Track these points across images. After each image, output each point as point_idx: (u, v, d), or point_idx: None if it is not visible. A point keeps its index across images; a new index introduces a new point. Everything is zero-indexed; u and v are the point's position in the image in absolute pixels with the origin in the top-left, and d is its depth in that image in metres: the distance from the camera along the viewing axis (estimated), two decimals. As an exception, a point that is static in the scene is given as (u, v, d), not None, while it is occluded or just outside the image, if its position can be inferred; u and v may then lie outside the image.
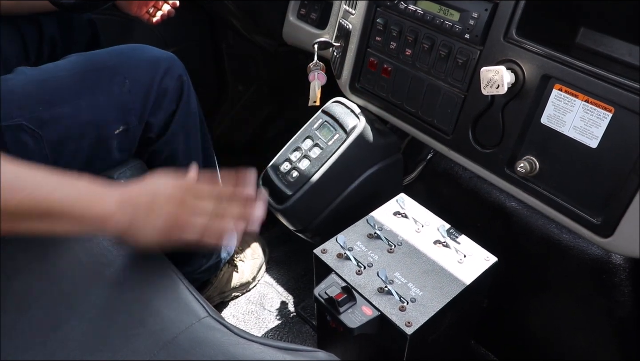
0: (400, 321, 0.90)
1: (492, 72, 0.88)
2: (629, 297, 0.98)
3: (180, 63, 1.22)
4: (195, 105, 1.27)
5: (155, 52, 1.19)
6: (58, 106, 1.03)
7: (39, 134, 1.00)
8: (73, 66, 1.10)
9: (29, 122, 0.99)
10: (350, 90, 1.21)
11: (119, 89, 1.10)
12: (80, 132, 1.06)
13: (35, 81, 1.05)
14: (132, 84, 1.12)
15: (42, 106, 1.02)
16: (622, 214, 0.82)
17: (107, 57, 1.14)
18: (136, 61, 1.15)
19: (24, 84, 1.04)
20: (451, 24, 0.97)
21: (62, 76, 1.07)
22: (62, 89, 1.05)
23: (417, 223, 1.08)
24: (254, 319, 1.47)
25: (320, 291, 0.94)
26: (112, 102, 1.10)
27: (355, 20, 1.15)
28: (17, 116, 0.99)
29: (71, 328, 0.83)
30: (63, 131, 1.04)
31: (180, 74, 1.20)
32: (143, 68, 1.15)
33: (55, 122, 1.03)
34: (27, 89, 1.03)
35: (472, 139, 0.99)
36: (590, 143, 0.84)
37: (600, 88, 0.81)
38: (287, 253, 1.67)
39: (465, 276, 0.98)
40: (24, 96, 1.02)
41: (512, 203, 1.09)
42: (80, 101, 1.06)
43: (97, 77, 1.10)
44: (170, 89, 1.17)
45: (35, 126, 1.00)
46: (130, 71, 1.13)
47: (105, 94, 1.09)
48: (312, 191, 1.16)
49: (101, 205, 0.82)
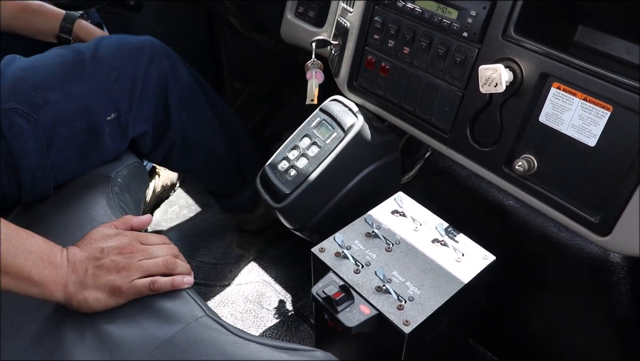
0: (398, 320, 0.90)
1: (490, 71, 0.88)
2: (627, 295, 0.98)
3: (162, 45, 1.24)
4: (188, 79, 1.30)
5: (136, 40, 1.20)
6: (49, 90, 1.05)
7: (33, 117, 1.02)
8: (60, 56, 1.13)
9: (23, 106, 1.00)
10: (348, 88, 1.20)
11: (106, 77, 1.12)
12: (72, 116, 1.08)
13: (25, 68, 1.07)
14: (119, 73, 1.13)
15: (33, 90, 1.03)
16: (620, 213, 0.82)
17: (93, 47, 1.15)
18: (120, 51, 1.17)
19: (15, 70, 1.06)
20: (449, 22, 0.97)
21: (51, 64, 1.09)
22: (52, 76, 1.07)
23: (415, 221, 1.08)
24: (252, 318, 1.47)
25: (318, 290, 0.94)
26: (101, 89, 1.12)
27: (353, 19, 1.15)
28: (11, 100, 1.00)
29: (68, 328, 0.83)
30: (56, 115, 1.05)
31: (163, 58, 1.21)
32: (127, 57, 1.17)
33: (47, 105, 1.04)
34: (19, 75, 1.05)
35: (470, 138, 0.99)
36: (589, 142, 0.83)
37: (598, 86, 0.81)
38: (285, 251, 1.67)
39: (463, 274, 0.98)
40: (15, 81, 1.03)
41: (510, 201, 1.09)
42: (70, 87, 1.09)
43: (84, 67, 1.12)
44: (156, 74, 1.20)
45: (29, 110, 1.01)
46: (115, 61, 1.15)
47: (94, 81, 1.11)
48: (310, 190, 1.15)
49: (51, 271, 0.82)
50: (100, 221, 1.01)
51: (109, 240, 0.89)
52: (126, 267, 0.86)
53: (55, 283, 0.82)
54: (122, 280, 0.85)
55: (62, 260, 0.84)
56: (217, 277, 1.59)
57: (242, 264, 1.63)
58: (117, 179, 1.13)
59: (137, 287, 0.86)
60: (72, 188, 1.11)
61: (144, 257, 0.89)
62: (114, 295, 0.85)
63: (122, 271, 0.85)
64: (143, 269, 0.87)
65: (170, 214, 1.82)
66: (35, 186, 1.05)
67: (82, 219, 1.03)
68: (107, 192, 1.09)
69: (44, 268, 0.81)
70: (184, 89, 1.28)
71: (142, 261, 0.88)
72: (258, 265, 1.63)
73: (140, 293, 0.86)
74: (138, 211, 1.17)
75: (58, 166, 1.07)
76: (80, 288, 0.83)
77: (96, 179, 1.12)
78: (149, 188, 1.71)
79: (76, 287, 0.83)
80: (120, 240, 0.90)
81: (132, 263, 0.87)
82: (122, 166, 1.17)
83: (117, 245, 0.88)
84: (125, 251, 0.88)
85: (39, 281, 0.80)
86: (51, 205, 1.08)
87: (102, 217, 1.02)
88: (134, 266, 0.87)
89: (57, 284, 0.82)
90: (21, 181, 1.03)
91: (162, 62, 1.22)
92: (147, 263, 0.88)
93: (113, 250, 0.87)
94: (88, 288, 0.84)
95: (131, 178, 1.18)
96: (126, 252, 0.88)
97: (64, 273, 0.83)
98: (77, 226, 1.01)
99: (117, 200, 1.07)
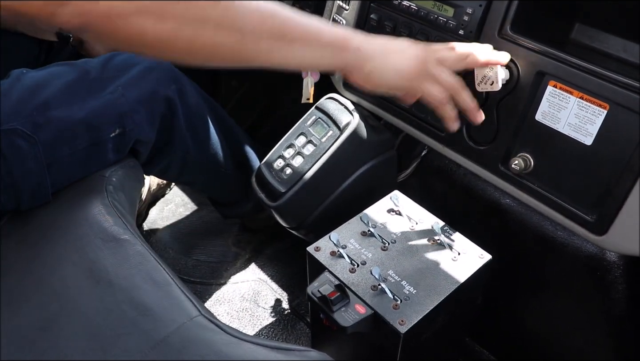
0: (394, 320, 0.89)
1: (487, 69, 0.88)
2: (623, 294, 0.98)
3: (171, 68, 1.23)
4: (196, 102, 1.29)
5: (145, 61, 1.19)
6: (52, 109, 1.03)
7: (33, 138, 1.00)
8: (66, 75, 1.11)
9: (23, 126, 0.99)
10: (343, 86, 1.20)
11: (112, 94, 1.11)
12: (74, 135, 1.06)
13: (29, 87, 1.06)
14: (126, 90, 1.12)
15: (36, 110, 1.02)
16: (616, 212, 0.81)
17: (100, 68, 1.14)
18: (128, 72, 1.15)
19: (19, 89, 1.04)
20: (445, 20, 0.96)
21: (56, 84, 1.07)
22: (56, 96, 1.05)
23: (411, 220, 1.08)
24: (248, 316, 1.47)
25: (313, 290, 0.93)
26: (107, 106, 1.10)
27: (349, 16, 1.14)
28: (12, 120, 0.99)
29: (61, 327, 0.83)
30: (57, 134, 1.04)
31: (171, 82, 1.21)
32: (136, 79, 1.15)
33: (49, 125, 1.03)
34: (22, 95, 1.04)
35: (467, 136, 0.99)
36: (585, 140, 0.83)
37: (595, 85, 0.80)
38: (282, 250, 1.66)
39: (459, 274, 0.97)
40: (18, 101, 1.02)
41: (507, 200, 1.09)
42: (74, 105, 1.07)
43: (91, 86, 1.11)
44: (163, 97, 1.19)
45: (30, 130, 1.00)
46: (123, 81, 1.13)
47: (98, 99, 1.09)
48: (305, 188, 1.15)
49: (345, 30, 0.84)
50: (94, 221, 1.01)
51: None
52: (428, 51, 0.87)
53: (350, 39, 0.82)
54: (425, 58, 0.86)
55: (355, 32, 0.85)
56: (213, 275, 1.59)
57: (238, 262, 1.63)
58: (111, 178, 1.12)
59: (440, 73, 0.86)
60: (66, 187, 1.10)
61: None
62: (411, 65, 0.86)
63: (423, 54, 0.86)
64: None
65: (167, 212, 1.81)
66: (33, 200, 1.04)
67: (76, 218, 1.02)
68: (102, 191, 1.08)
69: (337, 29, 0.83)
70: (192, 113, 1.27)
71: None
72: (254, 264, 1.62)
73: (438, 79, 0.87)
74: (133, 211, 1.16)
75: (58, 182, 1.06)
76: (375, 53, 0.84)
77: (90, 178, 1.11)
78: (144, 186, 1.71)
79: (371, 51, 0.84)
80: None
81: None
82: (117, 165, 1.17)
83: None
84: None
85: (329, 39, 0.81)
86: (44, 204, 1.07)
87: (95, 216, 1.02)
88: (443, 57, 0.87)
89: (352, 40, 0.83)
90: (20, 198, 1.02)
91: (170, 85, 1.21)
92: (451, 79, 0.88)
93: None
94: (385, 56, 0.85)
95: (126, 177, 1.17)
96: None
97: (359, 36, 0.84)
98: (71, 225, 1.00)
99: (111, 199, 1.06)
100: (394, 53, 0.86)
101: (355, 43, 0.83)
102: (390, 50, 0.86)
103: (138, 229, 1.07)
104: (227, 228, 1.74)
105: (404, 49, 0.87)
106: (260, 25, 0.75)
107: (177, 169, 1.33)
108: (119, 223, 1.02)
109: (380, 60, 0.85)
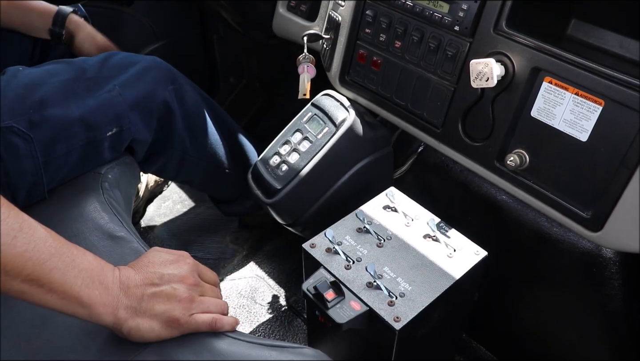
0: (389, 316, 0.89)
1: (482, 65, 0.87)
2: (619, 290, 0.98)
3: (168, 68, 1.23)
4: (194, 102, 1.28)
5: (143, 60, 1.18)
6: (49, 107, 1.03)
7: (29, 136, 1.00)
8: (63, 73, 1.10)
9: (19, 125, 0.99)
10: (340, 83, 1.19)
11: (109, 95, 1.10)
12: (71, 133, 1.06)
13: (25, 84, 1.05)
14: (123, 90, 1.11)
15: (32, 108, 1.01)
16: (611, 208, 0.81)
17: (98, 67, 1.14)
18: (127, 71, 1.15)
19: (15, 87, 1.04)
20: (441, 16, 0.96)
21: (52, 82, 1.07)
22: (53, 94, 1.05)
23: (407, 216, 1.07)
24: (245, 313, 1.47)
25: (308, 286, 0.93)
26: (104, 105, 1.10)
27: (344, 12, 1.14)
28: (8, 119, 0.98)
29: (56, 326, 0.83)
30: (54, 133, 1.03)
31: (169, 82, 1.20)
32: (134, 78, 1.15)
33: (45, 123, 1.02)
34: (18, 93, 1.03)
35: (462, 132, 0.98)
36: (580, 136, 0.83)
37: (590, 81, 0.80)
38: (279, 246, 1.66)
39: (454, 270, 0.97)
40: (14, 99, 1.01)
41: (503, 196, 1.08)
42: (71, 104, 1.06)
43: (88, 85, 1.11)
44: (161, 97, 1.18)
45: (26, 128, 1.00)
46: (120, 80, 1.13)
47: (95, 98, 1.09)
48: (301, 185, 1.15)
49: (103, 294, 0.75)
50: (89, 218, 1.00)
51: (169, 266, 0.82)
52: (188, 299, 0.79)
53: (104, 305, 0.74)
54: (182, 312, 0.78)
55: (114, 281, 0.76)
56: (211, 272, 1.59)
57: (235, 259, 1.63)
58: (107, 175, 1.12)
59: (197, 322, 0.79)
60: (62, 185, 1.10)
61: (203, 293, 0.83)
62: (169, 326, 0.77)
63: (183, 302, 0.79)
64: (203, 306, 0.81)
65: (164, 209, 1.81)
66: (29, 198, 1.04)
67: (71, 215, 1.02)
68: (97, 188, 1.08)
69: (94, 289, 0.73)
70: (189, 113, 1.26)
71: (203, 297, 0.82)
72: (252, 260, 1.63)
73: (198, 328, 0.79)
74: (128, 208, 1.16)
75: (54, 180, 1.06)
76: (132, 314, 0.76)
77: (86, 176, 1.11)
78: (141, 182, 1.70)
79: (128, 312, 0.76)
80: (182, 269, 0.82)
81: (194, 295, 0.80)
82: (112, 162, 1.16)
83: (179, 274, 0.81)
84: (187, 281, 0.81)
85: (87, 302, 0.72)
86: (40, 201, 1.07)
87: (91, 213, 1.01)
88: (196, 300, 0.80)
89: (106, 306, 0.74)
90: (16, 196, 1.02)
91: (167, 85, 1.20)
92: (209, 300, 0.82)
93: (174, 278, 0.80)
94: (142, 315, 0.76)
95: (122, 174, 1.17)
96: (188, 283, 0.81)
97: (116, 295, 0.75)
98: (66, 222, 1.00)
99: (106, 196, 1.06)
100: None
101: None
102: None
103: (135, 226, 1.07)
104: (224, 225, 1.74)
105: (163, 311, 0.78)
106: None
107: (174, 168, 1.33)
108: (114, 220, 1.02)
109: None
